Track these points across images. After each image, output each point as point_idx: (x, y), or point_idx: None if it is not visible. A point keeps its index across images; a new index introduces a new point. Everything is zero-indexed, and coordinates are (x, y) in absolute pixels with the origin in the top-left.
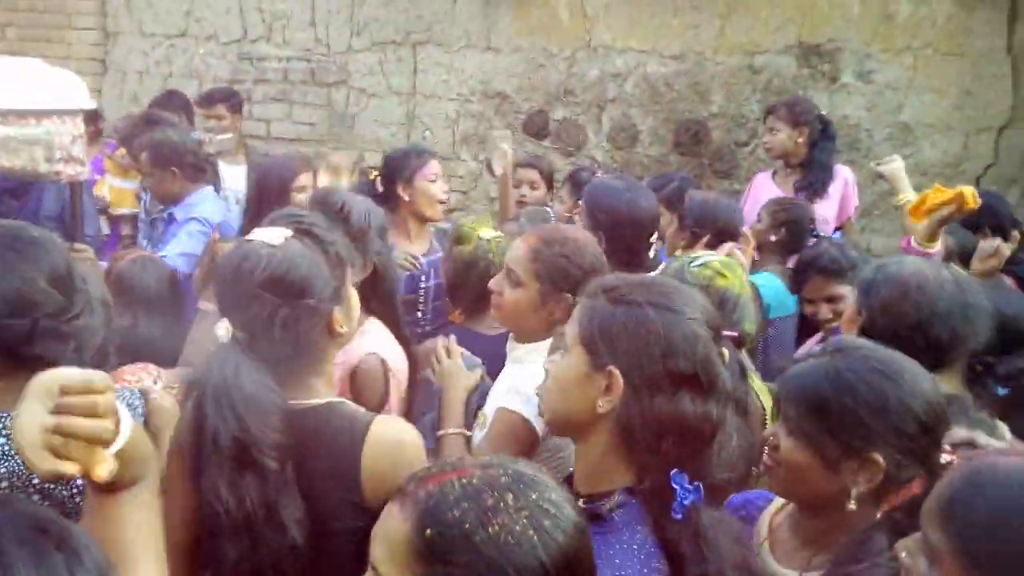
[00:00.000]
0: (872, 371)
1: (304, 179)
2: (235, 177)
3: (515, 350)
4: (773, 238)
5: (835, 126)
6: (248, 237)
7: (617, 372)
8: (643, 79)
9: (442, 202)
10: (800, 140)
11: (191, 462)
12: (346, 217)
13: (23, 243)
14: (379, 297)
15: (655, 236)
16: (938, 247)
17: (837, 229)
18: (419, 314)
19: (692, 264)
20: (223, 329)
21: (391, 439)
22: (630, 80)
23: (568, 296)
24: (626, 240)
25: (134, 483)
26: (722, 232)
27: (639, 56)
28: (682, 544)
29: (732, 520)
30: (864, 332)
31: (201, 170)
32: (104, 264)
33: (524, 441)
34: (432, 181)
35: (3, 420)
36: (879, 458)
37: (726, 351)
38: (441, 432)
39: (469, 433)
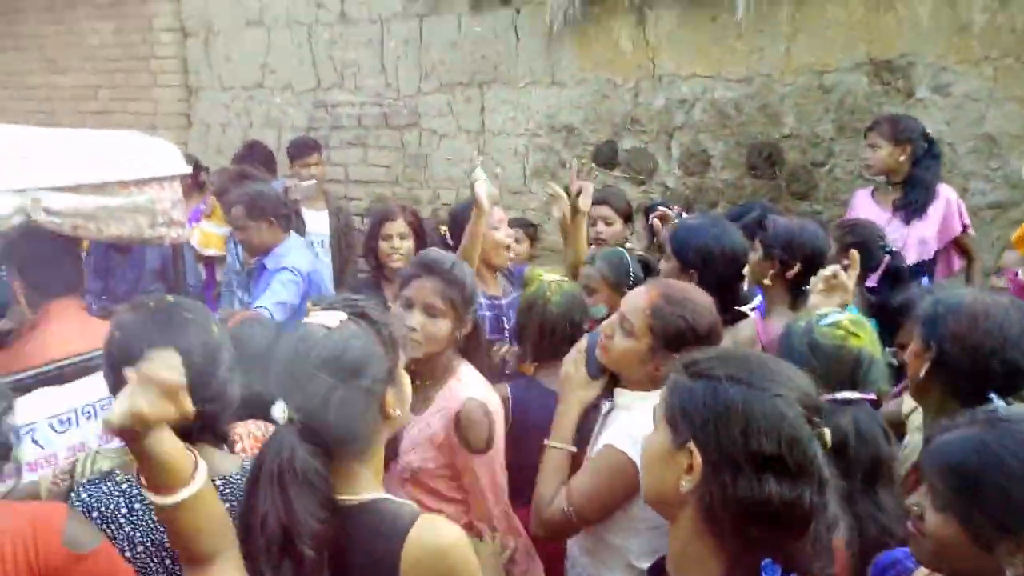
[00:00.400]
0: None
1: (391, 227)
2: (318, 222)
3: (622, 396)
4: (845, 262)
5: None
6: (304, 321)
7: (695, 449)
8: (711, 104)
9: (507, 247)
10: (902, 158)
11: (242, 543)
12: (458, 279)
13: (186, 323)
14: (472, 344)
15: (745, 268)
16: None
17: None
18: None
19: (821, 323)
20: (280, 411)
21: (431, 544)
22: (697, 106)
23: (677, 357)
24: (720, 276)
25: (215, 554)
26: (810, 259)
27: (705, 82)
28: None
29: None
30: (936, 365)
31: (290, 220)
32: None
33: (628, 481)
34: (496, 228)
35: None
36: None
37: (827, 432)
38: (548, 442)
39: (574, 450)
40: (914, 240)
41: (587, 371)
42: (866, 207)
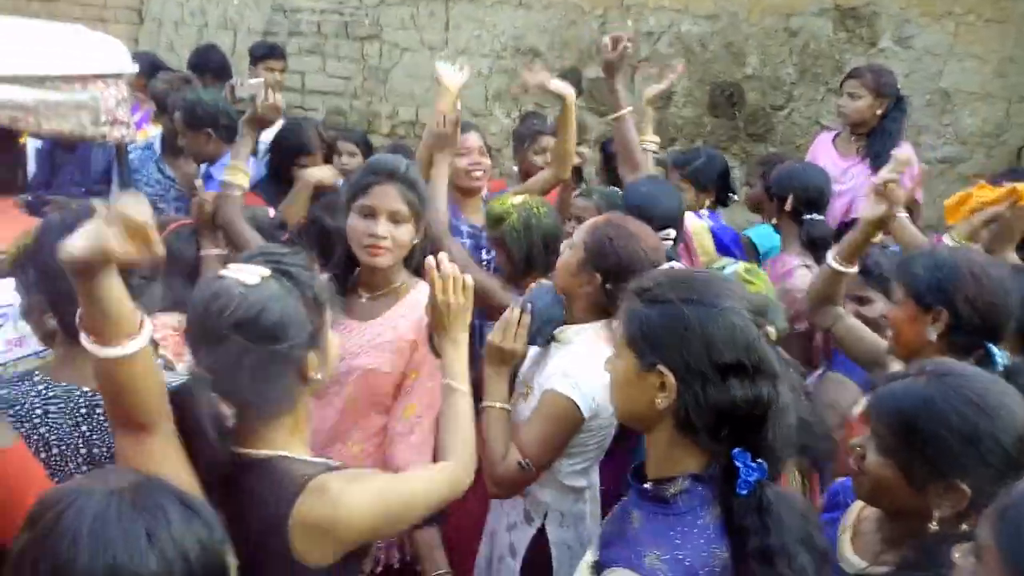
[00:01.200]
0: (968, 402)
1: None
2: (268, 130)
3: (563, 331)
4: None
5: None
6: (222, 273)
7: (667, 371)
8: (676, 38)
9: (474, 175)
10: (879, 111)
11: None
12: (415, 181)
13: None
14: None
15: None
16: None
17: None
18: None
19: (725, 272)
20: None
21: (319, 516)
22: (664, 39)
23: (597, 276)
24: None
25: (153, 423)
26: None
27: (672, 15)
28: (747, 519)
29: (798, 497)
30: (951, 328)
31: (235, 131)
32: None
33: (570, 423)
34: (463, 155)
35: (84, 397)
36: (965, 487)
37: (771, 328)
38: (485, 404)
39: (509, 408)
40: (865, 193)
41: (530, 338)
42: (826, 153)
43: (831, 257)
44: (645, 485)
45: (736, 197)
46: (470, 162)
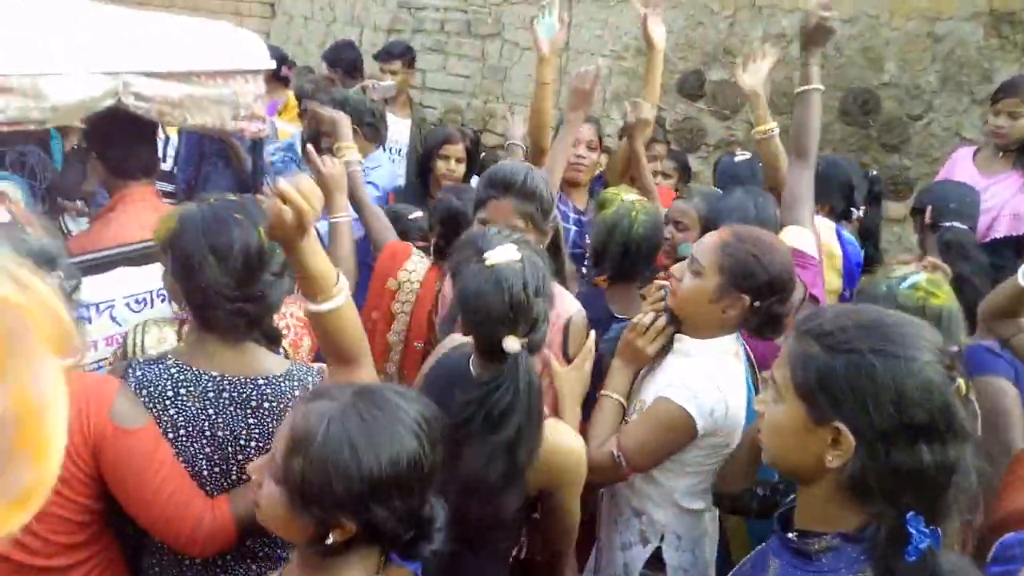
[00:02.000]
0: None
1: (451, 149)
2: (399, 130)
3: (683, 342)
4: None
5: None
6: (489, 262)
7: (845, 429)
8: None
9: (575, 167)
10: None
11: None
12: (533, 191)
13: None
14: (551, 252)
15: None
16: None
17: None
18: (583, 269)
19: (902, 286)
20: (514, 342)
21: (559, 444)
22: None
23: (746, 298)
24: None
25: (359, 356)
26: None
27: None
28: None
29: (965, 560)
30: None
31: (379, 131)
32: None
33: (680, 434)
34: (572, 147)
35: (213, 381)
36: None
37: (963, 382)
38: (604, 393)
39: (624, 402)
40: (1008, 212)
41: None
42: (965, 170)
43: (1020, 274)
44: (790, 535)
45: (859, 212)
46: (577, 155)
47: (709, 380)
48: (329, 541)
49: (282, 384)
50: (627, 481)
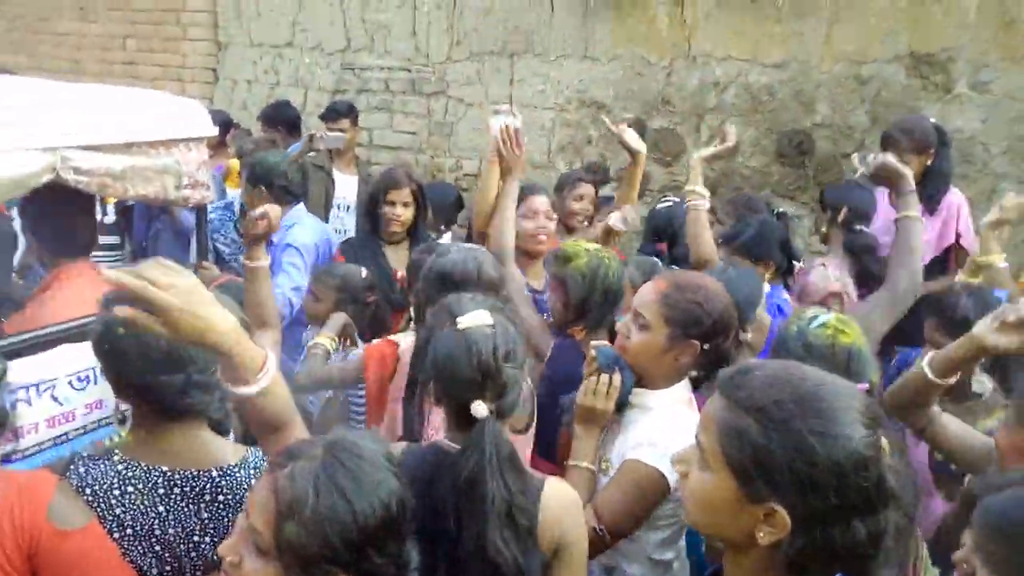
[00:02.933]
0: None
1: (397, 194)
2: (347, 186)
3: (642, 396)
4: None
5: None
6: (461, 326)
7: (782, 510)
8: (744, 88)
9: (539, 239)
10: (929, 162)
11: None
12: (491, 283)
13: None
14: None
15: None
16: None
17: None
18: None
19: (812, 325)
20: (482, 408)
21: (564, 497)
22: (731, 89)
23: (696, 343)
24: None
25: (290, 421)
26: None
27: (740, 64)
28: None
29: None
30: None
31: (290, 192)
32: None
33: (656, 494)
34: (529, 218)
35: (163, 477)
36: None
37: (885, 442)
38: (571, 463)
39: (595, 469)
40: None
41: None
42: (883, 205)
43: (926, 365)
44: None
45: (800, 264)
46: (536, 225)
47: (672, 433)
48: None
49: (238, 474)
50: None
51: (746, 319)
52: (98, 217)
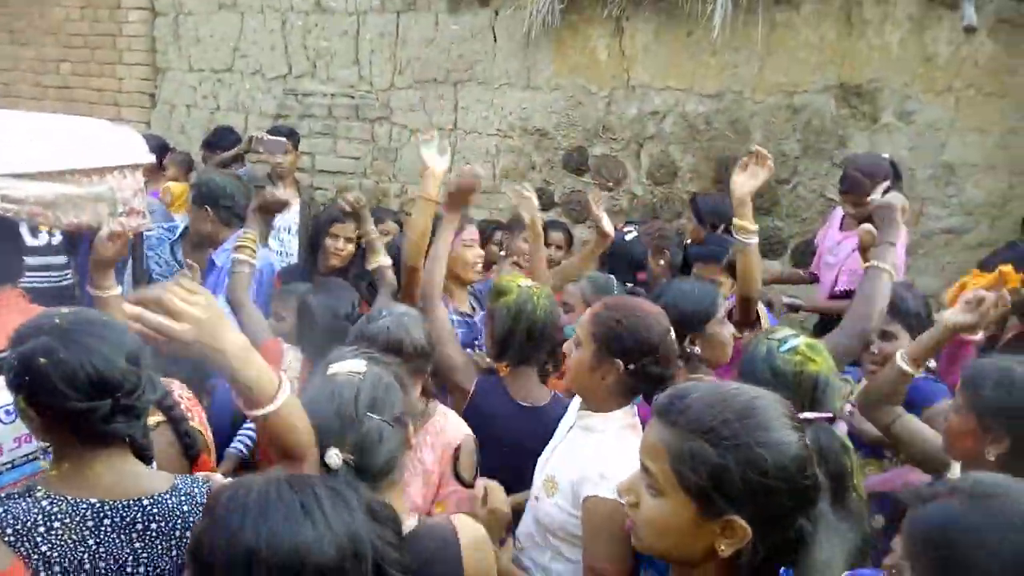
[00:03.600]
0: (1017, 529)
1: (341, 228)
2: (290, 209)
3: (587, 418)
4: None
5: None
6: (332, 372)
7: (742, 521)
8: (681, 117)
9: (477, 268)
10: (882, 192)
11: None
12: (398, 346)
13: (100, 326)
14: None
15: None
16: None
17: None
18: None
19: (781, 349)
20: (335, 456)
21: (480, 541)
22: (669, 118)
23: (618, 362)
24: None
25: (307, 449)
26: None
27: (677, 94)
28: None
29: None
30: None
31: (236, 215)
32: None
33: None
34: (468, 247)
35: (91, 509)
36: None
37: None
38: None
39: None
40: (846, 268)
41: None
42: (831, 225)
43: (900, 357)
44: None
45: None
46: (475, 255)
47: (621, 459)
48: None
49: (168, 501)
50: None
51: (699, 331)
52: (42, 239)
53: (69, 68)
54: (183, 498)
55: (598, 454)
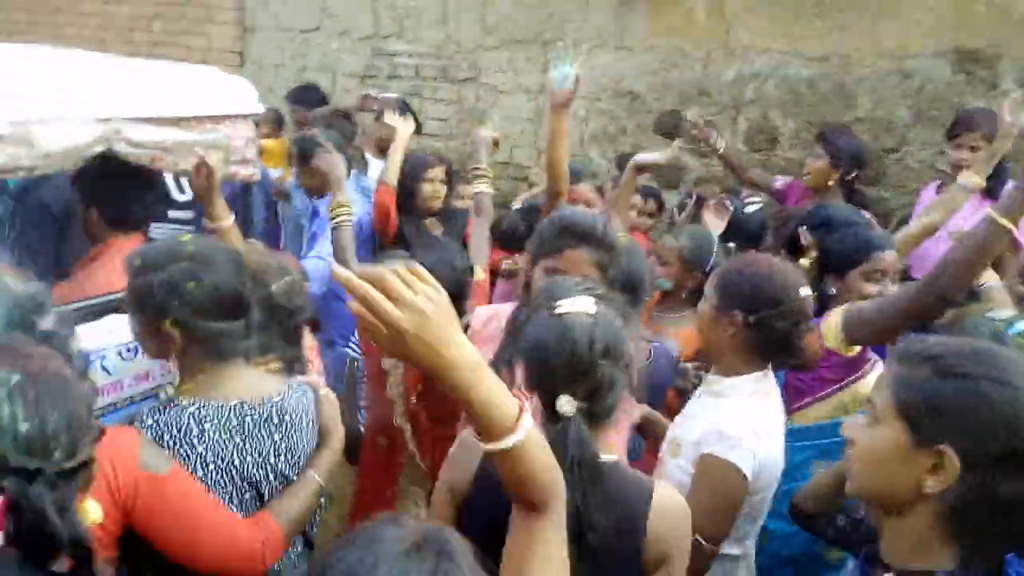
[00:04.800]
0: None
1: (432, 172)
2: (375, 170)
3: (716, 383)
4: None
5: None
6: (560, 310)
7: (951, 452)
8: (783, 80)
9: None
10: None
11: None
12: (610, 243)
13: (225, 252)
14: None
15: None
16: None
17: None
18: None
19: (1013, 330)
20: (568, 403)
21: (677, 505)
22: (770, 82)
23: (737, 314)
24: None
25: (544, 503)
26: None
27: (780, 57)
28: None
29: None
30: None
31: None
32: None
33: (737, 488)
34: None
35: (234, 411)
36: None
37: None
38: None
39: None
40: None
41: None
42: (926, 202)
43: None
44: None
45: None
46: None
47: (744, 422)
48: None
49: (291, 396)
50: None
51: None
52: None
53: (160, 26)
54: (299, 394)
55: (721, 416)
